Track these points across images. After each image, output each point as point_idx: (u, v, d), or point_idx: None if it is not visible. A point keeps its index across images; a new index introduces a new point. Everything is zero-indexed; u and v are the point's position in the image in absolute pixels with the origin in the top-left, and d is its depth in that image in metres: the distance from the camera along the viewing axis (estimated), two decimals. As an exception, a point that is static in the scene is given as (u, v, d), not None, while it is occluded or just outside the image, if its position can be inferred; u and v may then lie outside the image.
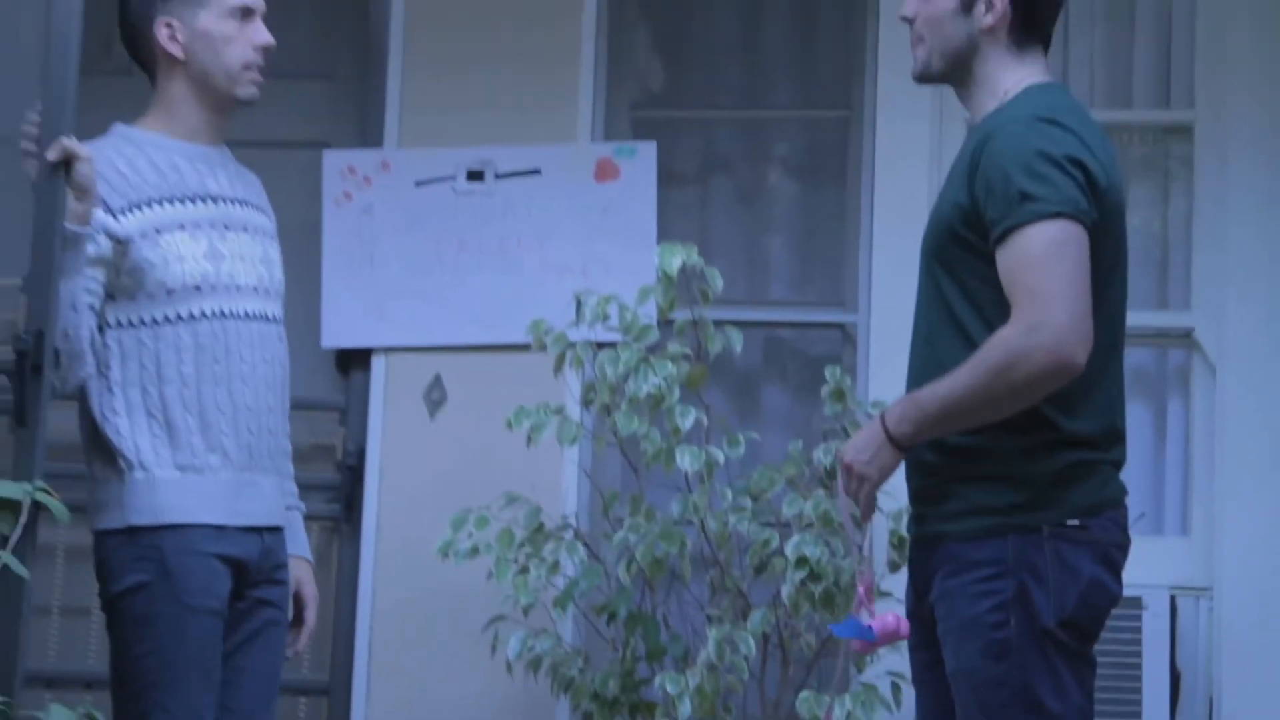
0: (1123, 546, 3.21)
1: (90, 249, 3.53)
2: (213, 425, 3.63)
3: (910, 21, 3.37)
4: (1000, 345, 3.05)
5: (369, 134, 5.33)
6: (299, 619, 3.86)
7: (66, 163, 3.44)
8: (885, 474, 3.22)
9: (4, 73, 3.97)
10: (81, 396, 3.63)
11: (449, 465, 5.13)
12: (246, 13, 3.74)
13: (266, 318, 3.75)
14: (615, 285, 4.90)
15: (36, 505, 3.31)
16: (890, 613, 3.35)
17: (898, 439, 3.16)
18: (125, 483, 3.59)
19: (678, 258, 4.66)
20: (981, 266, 3.15)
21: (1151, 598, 4.78)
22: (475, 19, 5.27)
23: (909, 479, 3.31)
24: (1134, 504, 3.31)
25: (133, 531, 3.58)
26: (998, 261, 3.11)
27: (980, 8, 3.29)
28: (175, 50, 3.71)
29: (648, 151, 5.16)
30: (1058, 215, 3.06)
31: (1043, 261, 3.05)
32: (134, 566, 3.58)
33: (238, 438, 3.65)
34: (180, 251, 3.63)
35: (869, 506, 3.26)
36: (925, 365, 3.24)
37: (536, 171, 5.19)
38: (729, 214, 5.36)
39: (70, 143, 3.45)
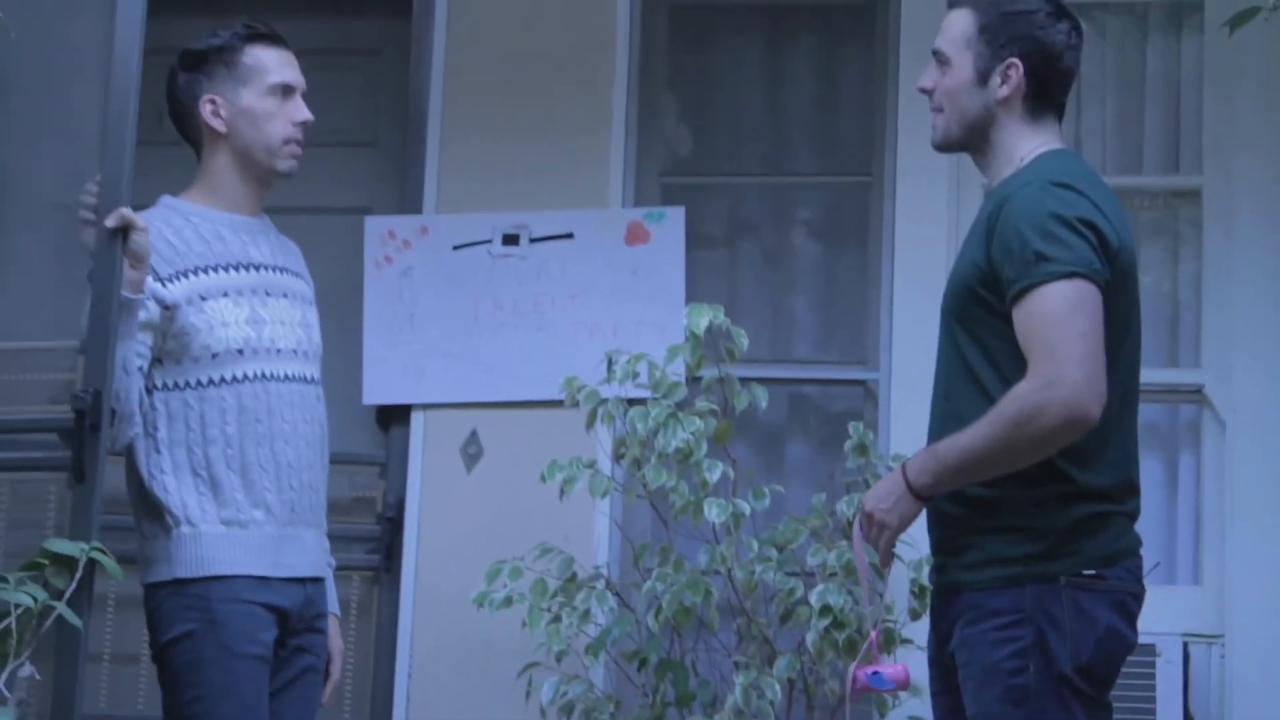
0: (1138, 595, 3.23)
1: (140, 314, 3.57)
2: (256, 482, 3.66)
3: (929, 92, 3.41)
4: (1018, 399, 3.08)
5: (409, 200, 5.35)
6: (325, 671, 3.88)
7: (124, 231, 3.48)
8: (905, 523, 3.24)
9: (63, 144, 4.01)
10: (129, 455, 3.66)
11: (485, 517, 5.13)
12: (287, 90, 3.78)
13: (305, 379, 3.78)
14: (645, 344, 4.90)
15: (92, 561, 3.34)
16: (901, 664, 3.38)
17: (918, 490, 3.19)
18: (172, 538, 3.62)
19: (705, 317, 4.66)
20: (998, 325, 3.18)
21: (1165, 645, 4.78)
22: (510, 90, 5.30)
23: (931, 530, 3.33)
24: (1147, 554, 3.31)
25: (180, 583, 3.61)
26: (1014, 319, 3.14)
27: (996, 80, 3.33)
28: (219, 125, 3.76)
29: (676, 216, 5.18)
30: (1072, 275, 3.10)
31: (1059, 319, 3.08)
32: (182, 616, 3.60)
33: (280, 494, 3.68)
34: (224, 317, 3.67)
35: (887, 554, 3.29)
36: (945, 419, 3.26)
37: (569, 235, 5.21)
38: (754, 275, 5.37)
39: (128, 213, 3.49)
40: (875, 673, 3.33)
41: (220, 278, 3.70)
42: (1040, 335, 3.09)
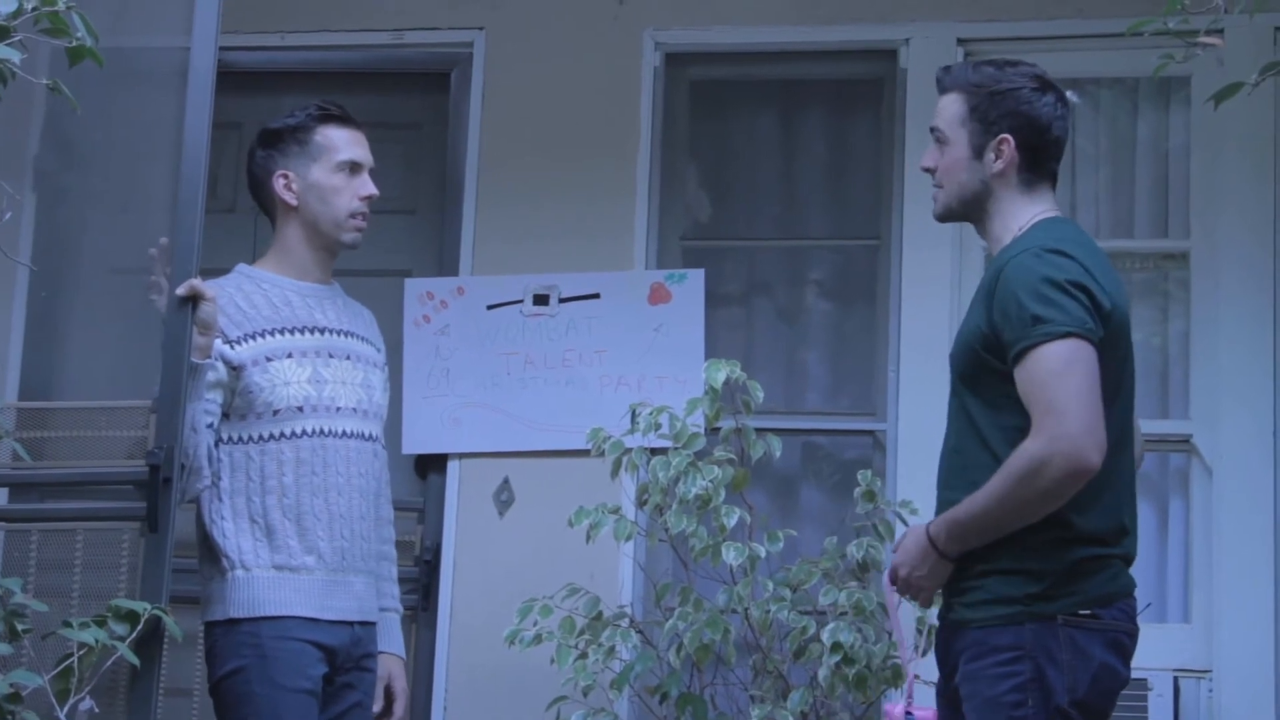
0: (1131, 634, 3.27)
1: (210, 375, 3.63)
2: (309, 530, 3.72)
3: (931, 171, 3.45)
4: (1024, 456, 3.11)
5: (446, 263, 5.38)
6: (389, 710, 3.91)
7: (193, 300, 3.56)
8: (940, 583, 3.30)
9: (133, 215, 4.07)
10: (197, 503, 3.72)
11: (516, 559, 5.15)
12: (355, 167, 3.86)
13: (363, 436, 3.83)
14: (667, 397, 4.95)
15: (159, 617, 3.40)
16: (932, 709, 3.42)
17: (948, 554, 3.24)
18: (227, 580, 3.68)
19: (723, 372, 4.67)
20: (1000, 384, 3.22)
21: (1156, 679, 4.80)
22: (541, 161, 5.33)
23: None
24: (1139, 594, 3.33)
25: (234, 622, 3.67)
26: (1016, 378, 3.17)
27: (990, 155, 3.36)
28: (290, 199, 3.84)
29: (696, 277, 5.21)
30: (1067, 335, 3.13)
31: (1057, 377, 3.12)
32: (235, 653, 3.67)
33: (332, 542, 3.74)
34: (286, 376, 3.73)
35: (928, 604, 3.37)
36: (952, 472, 3.30)
37: (596, 295, 5.24)
38: (769, 332, 5.38)
39: (198, 283, 3.56)
40: (909, 713, 3.37)
41: (285, 340, 3.77)
42: (1041, 393, 3.12)
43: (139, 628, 3.34)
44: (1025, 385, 3.16)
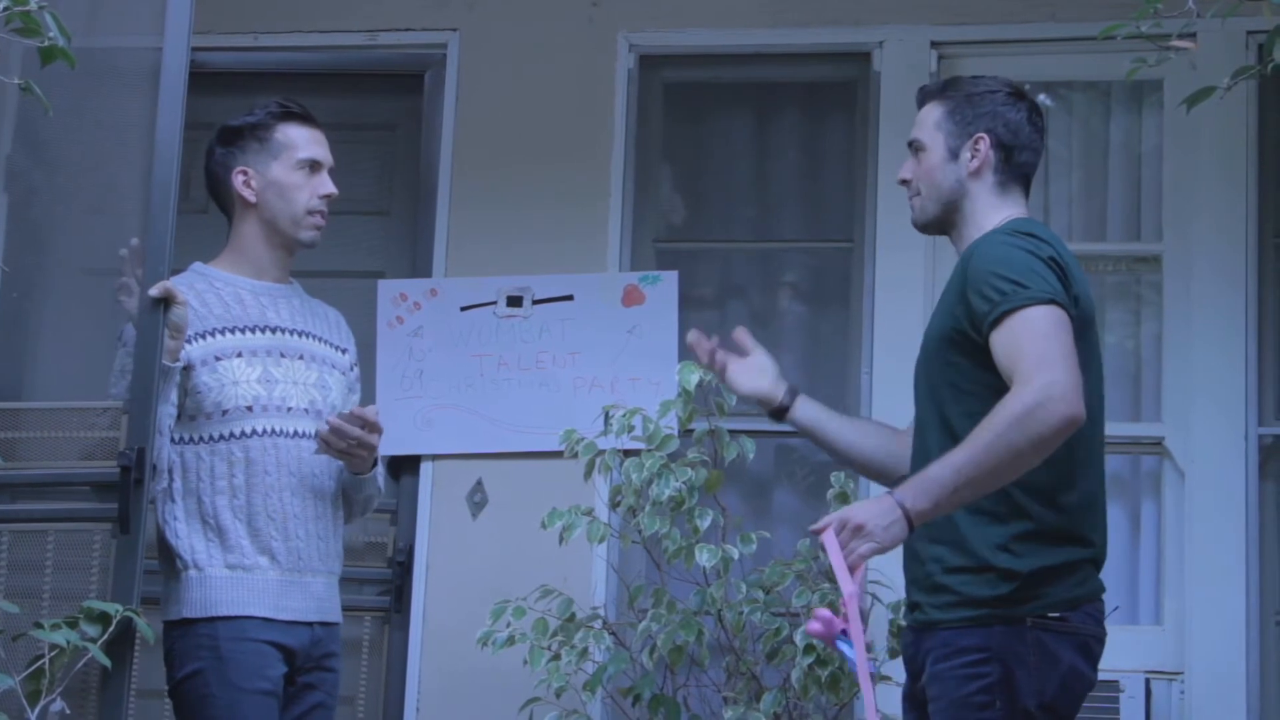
0: (1099, 638, 3.29)
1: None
2: (262, 531, 3.72)
3: (907, 183, 3.49)
4: (1016, 402, 3.06)
5: (419, 264, 5.38)
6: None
7: (165, 301, 3.56)
8: (893, 545, 3.16)
9: (103, 217, 4.07)
10: (155, 504, 3.71)
11: (489, 561, 5.15)
12: (315, 166, 3.86)
13: (316, 437, 3.83)
14: (640, 399, 4.96)
15: (130, 619, 3.41)
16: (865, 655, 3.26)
17: (915, 516, 3.10)
18: (181, 580, 3.69)
19: (696, 374, 4.66)
20: (974, 372, 3.24)
21: (1128, 681, 4.81)
22: (515, 162, 5.33)
23: (905, 568, 3.38)
24: (1111, 596, 3.34)
25: (190, 623, 3.68)
26: (994, 342, 3.16)
27: (966, 154, 3.41)
28: (249, 195, 3.84)
29: (670, 279, 5.22)
30: (1050, 301, 3.15)
31: (1045, 335, 3.11)
32: (193, 655, 3.67)
33: (286, 542, 3.74)
34: (235, 376, 3.73)
35: (858, 563, 3.13)
36: (920, 463, 3.28)
37: (570, 297, 5.24)
38: None
39: (170, 285, 3.57)
40: (844, 631, 3.16)
41: (235, 339, 3.77)
42: (1028, 348, 3.10)
43: (110, 629, 3.34)
44: (1008, 344, 3.14)
